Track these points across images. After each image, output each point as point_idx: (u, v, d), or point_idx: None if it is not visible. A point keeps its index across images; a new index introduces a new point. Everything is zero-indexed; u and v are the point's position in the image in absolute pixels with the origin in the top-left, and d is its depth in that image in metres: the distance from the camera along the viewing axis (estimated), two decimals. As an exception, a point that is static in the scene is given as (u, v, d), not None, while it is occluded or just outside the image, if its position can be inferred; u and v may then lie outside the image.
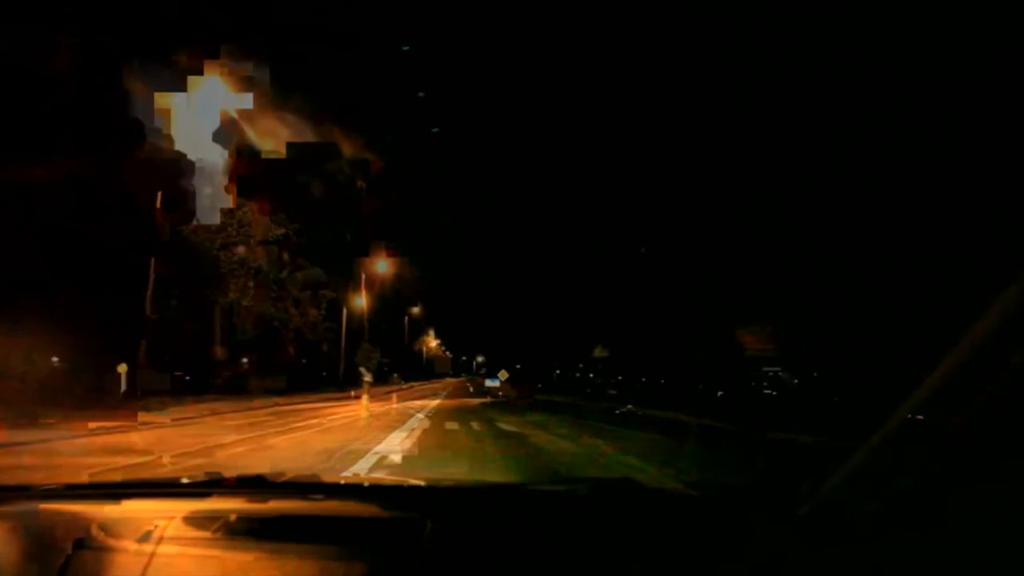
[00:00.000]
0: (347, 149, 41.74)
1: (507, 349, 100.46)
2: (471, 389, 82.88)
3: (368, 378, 32.18)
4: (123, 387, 28.05)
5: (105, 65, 27.65)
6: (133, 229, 29.89)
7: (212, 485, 2.45)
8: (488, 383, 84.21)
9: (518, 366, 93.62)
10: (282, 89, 30.48)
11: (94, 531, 2.07)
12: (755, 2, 31.09)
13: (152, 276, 29.38)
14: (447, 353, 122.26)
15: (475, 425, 22.28)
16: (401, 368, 44.61)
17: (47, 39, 25.89)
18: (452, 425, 22.07)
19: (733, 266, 36.53)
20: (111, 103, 28.19)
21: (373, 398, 30.13)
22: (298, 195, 43.74)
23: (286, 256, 45.62)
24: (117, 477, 5.65)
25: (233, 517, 2.09)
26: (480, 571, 1.90)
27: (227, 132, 32.07)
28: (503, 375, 58.65)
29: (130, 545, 2.00)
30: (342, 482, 2.57)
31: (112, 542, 2.02)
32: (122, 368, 28.32)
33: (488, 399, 63.71)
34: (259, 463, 11.08)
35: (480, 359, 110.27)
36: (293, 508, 2.24)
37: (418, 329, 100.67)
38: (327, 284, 51.17)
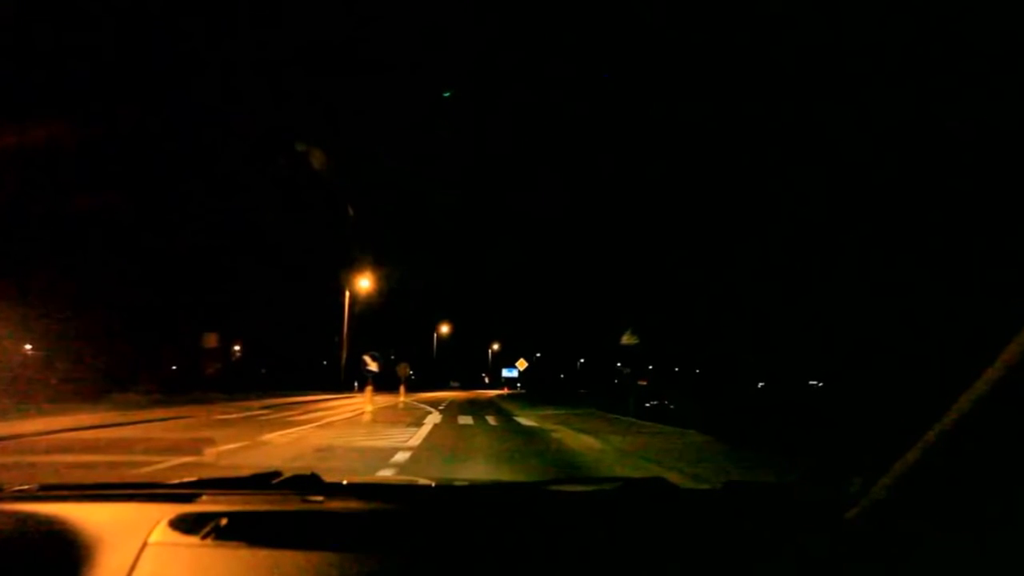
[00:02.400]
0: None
1: (526, 337, 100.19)
2: (487, 380, 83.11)
3: (373, 367, 32.01)
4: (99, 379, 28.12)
5: None
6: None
7: (201, 486, 2.45)
8: (505, 373, 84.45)
9: (538, 355, 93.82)
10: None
11: (70, 536, 2.07)
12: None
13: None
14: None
15: (491, 420, 22.36)
16: (407, 358, 44.72)
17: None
18: (466, 420, 22.15)
19: (773, 245, 36.27)
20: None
21: (379, 390, 30.24)
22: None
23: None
24: (97, 477, 5.67)
25: (224, 521, 2.08)
26: None
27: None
28: (521, 364, 58.76)
29: (109, 552, 2.00)
30: (344, 482, 2.56)
31: (89, 549, 2.02)
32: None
33: (504, 391, 63.74)
34: (252, 461, 11.15)
35: (496, 347, 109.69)
36: (289, 510, 2.25)
37: (426, 315, 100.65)
38: None
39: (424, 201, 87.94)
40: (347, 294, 52.69)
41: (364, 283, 54.42)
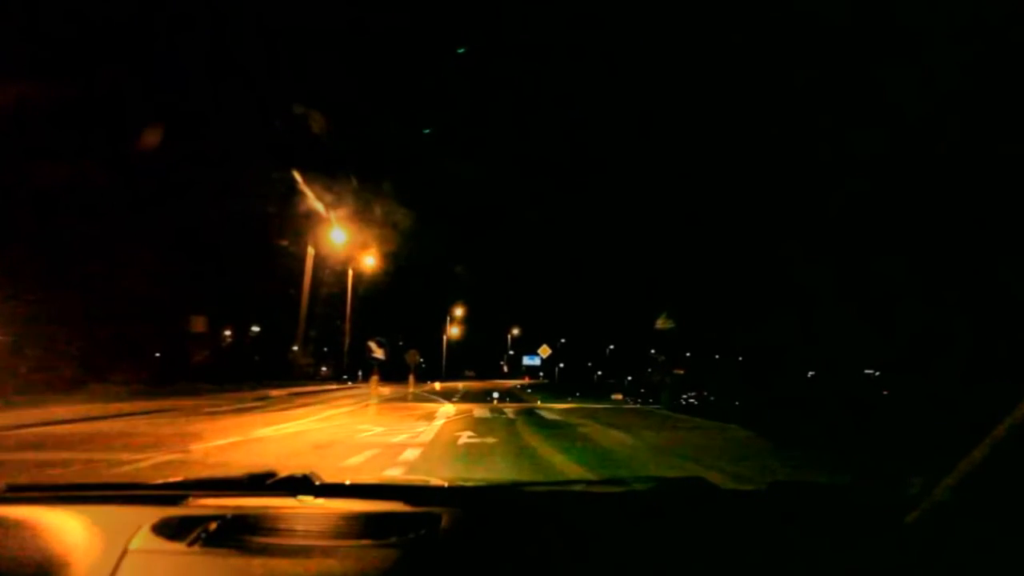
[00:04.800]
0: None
1: (549, 321, 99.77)
2: (505, 369, 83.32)
3: (379, 354, 32.01)
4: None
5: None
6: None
7: (187, 487, 2.47)
8: (526, 361, 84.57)
9: (562, 340, 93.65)
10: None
11: (41, 542, 2.07)
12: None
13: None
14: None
15: (510, 413, 22.38)
16: (417, 344, 44.92)
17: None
18: (482, 412, 22.18)
19: (826, 219, 35.92)
20: None
21: (386, 380, 30.31)
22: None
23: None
24: (72, 477, 5.72)
25: (213, 525, 2.09)
26: None
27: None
28: (544, 351, 58.75)
29: (86, 560, 2.00)
30: (346, 482, 2.56)
31: (63, 556, 2.01)
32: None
33: (525, 380, 63.88)
34: (244, 460, 11.19)
35: (515, 332, 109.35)
36: (286, 514, 2.25)
37: (438, 297, 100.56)
38: None
39: (437, 171, 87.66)
40: (350, 273, 52.66)
41: (369, 261, 54.18)
